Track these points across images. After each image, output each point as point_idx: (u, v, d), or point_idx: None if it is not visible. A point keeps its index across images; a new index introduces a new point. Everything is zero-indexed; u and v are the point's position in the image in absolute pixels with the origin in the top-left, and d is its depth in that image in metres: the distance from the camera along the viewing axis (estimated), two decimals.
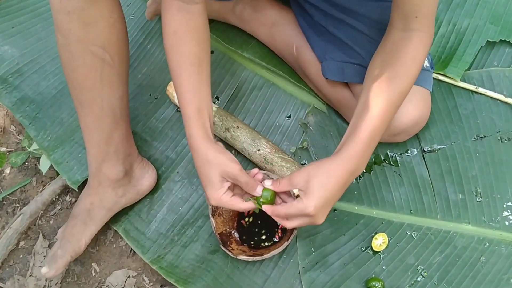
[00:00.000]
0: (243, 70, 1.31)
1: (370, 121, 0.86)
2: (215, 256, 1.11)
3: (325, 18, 1.14)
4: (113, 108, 1.00)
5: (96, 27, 0.91)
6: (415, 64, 0.91)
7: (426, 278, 1.07)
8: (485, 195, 1.14)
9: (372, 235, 1.12)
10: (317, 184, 0.83)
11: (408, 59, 0.91)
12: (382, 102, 0.88)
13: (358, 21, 1.09)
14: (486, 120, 1.20)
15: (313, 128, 1.23)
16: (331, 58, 1.13)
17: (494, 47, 1.29)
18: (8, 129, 1.33)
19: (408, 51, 0.91)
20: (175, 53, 0.91)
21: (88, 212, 1.07)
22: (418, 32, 0.91)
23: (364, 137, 0.85)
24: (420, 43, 0.92)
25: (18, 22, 1.36)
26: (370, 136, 0.86)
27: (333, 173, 0.84)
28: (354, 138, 0.86)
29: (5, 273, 1.16)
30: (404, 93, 0.90)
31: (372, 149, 0.88)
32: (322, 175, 0.84)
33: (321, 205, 0.83)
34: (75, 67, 0.95)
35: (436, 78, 1.23)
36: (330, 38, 1.15)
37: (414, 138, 1.19)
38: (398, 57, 0.92)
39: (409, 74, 0.91)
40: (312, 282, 1.08)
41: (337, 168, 0.84)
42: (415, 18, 0.90)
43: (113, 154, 1.04)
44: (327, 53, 1.15)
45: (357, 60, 1.09)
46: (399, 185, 1.17)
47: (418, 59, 0.92)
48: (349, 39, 1.11)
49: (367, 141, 0.86)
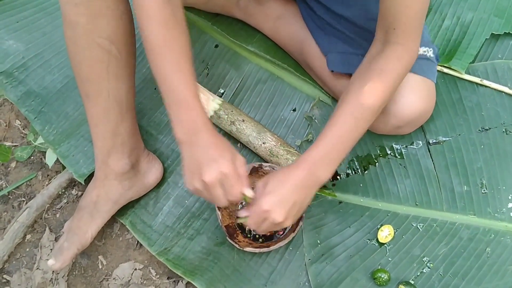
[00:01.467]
0: (248, 63, 1.31)
1: (332, 130, 0.89)
2: (221, 248, 1.12)
3: (327, 12, 1.14)
4: (119, 100, 1.00)
5: (103, 19, 0.91)
6: (383, 77, 0.90)
7: (431, 270, 1.08)
8: (490, 186, 1.14)
9: (378, 227, 1.12)
10: (272, 182, 0.87)
11: (375, 73, 0.90)
12: (346, 114, 0.89)
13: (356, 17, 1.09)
14: (490, 112, 1.20)
15: (318, 121, 1.24)
16: (335, 50, 1.14)
17: (498, 40, 1.29)
18: (13, 124, 1.33)
19: (378, 64, 0.91)
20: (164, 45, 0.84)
21: (94, 205, 1.07)
22: (394, 45, 0.91)
23: (325, 144, 0.88)
24: (393, 55, 0.91)
25: (23, 16, 1.35)
26: (331, 144, 0.88)
27: (289, 171, 0.88)
28: (316, 143, 0.89)
29: (12, 266, 1.17)
30: (370, 107, 0.89)
31: (336, 155, 0.89)
32: (278, 174, 0.88)
33: (275, 200, 0.85)
34: (82, 59, 0.95)
35: (440, 71, 1.24)
36: (333, 31, 1.15)
37: (419, 130, 1.19)
38: (367, 70, 0.92)
39: (374, 88, 0.89)
40: (318, 273, 1.09)
41: (294, 167, 0.88)
42: (393, 30, 0.90)
43: (119, 147, 1.05)
44: (331, 45, 1.15)
45: (361, 51, 1.09)
46: (404, 177, 1.17)
47: (387, 73, 0.90)
48: (352, 32, 1.12)
49: (328, 148, 0.88)
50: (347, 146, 0.90)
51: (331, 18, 1.14)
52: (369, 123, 0.91)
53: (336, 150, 0.89)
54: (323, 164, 0.88)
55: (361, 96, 0.89)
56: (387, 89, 0.91)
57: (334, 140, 0.88)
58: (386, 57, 0.91)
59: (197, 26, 1.35)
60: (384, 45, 0.92)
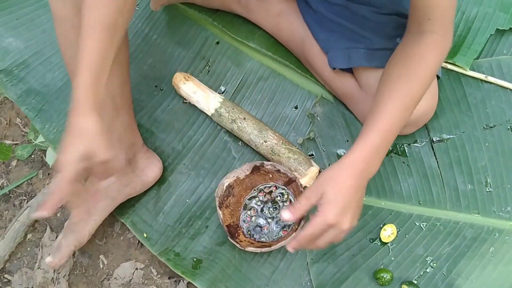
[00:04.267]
0: (249, 60, 1.30)
1: (382, 122, 0.85)
2: (222, 247, 1.11)
3: (326, 6, 1.13)
4: (112, 96, 0.99)
5: None
6: (423, 64, 0.88)
7: (435, 269, 1.07)
8: (494, 185, 1.13)
9: (381, 226, 1.11)
10: (331, 194, 0.82)
11: (416, 60, 0.88)
12: (393, 104, 0.86)
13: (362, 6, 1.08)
14: (495, 109, 1.18)
15: (321, 118, 1.22)
16: (336, 47, 1.12)
17: (503, 35, 1.27)
18: (13, 122, 1.32)
19: (416, 51, 0.89)
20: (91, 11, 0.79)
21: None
22: (431, 34, 0.89)
23: (375, 138, 0.84)
24: (432, 43, 0.89)
25: (23, 13, 1.34)
26: (381, 137, 0.84)
27: (343, 178, 0.83)
28: (365, 137, 0.84)
29: (13, 265, 1.16)
30: (414, 95, 0.87)
31: (386, 147, 0.86)
32: (334, 184, 0.82)
33: (339, 212, 0.81)
34: (72, 54, 0.94)
35: (445, 67, 1.22)
36: (332, 27, 1.13)
37: (423, 128, 1.18)
38: (406, 58, 0.90)
39: (417, 75, 0.87)
40: (320, 273, 1.08)
41: (348, 169, 0.83)
42: (428, 20, 0.88)
43: (115, 143, 1.04)
44: (331, 42, 1.14)
45: (363, 44, 1.08)
46: (407, 176, 1.16)
47: (427, 60, 0.88)
48: (354, 23, 1.10)
49: (379, 142, 0.84)
50: (395, 136, 0.87)
51: (326, 9, 1.13)
52: (412, 112, 0.89)
53: (386, 142, 0.86)
54: (375, 159, 0.85)
55: (406, 84, 0.87)
56: (430, 76, 0.89)
57: (384, 133, 0.85)
58: (425, 44, 0.89)
59: (198, 22, 1.34)
60: (420, 35, 0.90)
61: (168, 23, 1.35)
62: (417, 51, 0.89)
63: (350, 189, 0.82)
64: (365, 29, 1.09)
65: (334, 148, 1.19)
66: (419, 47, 0.89)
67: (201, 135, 1.22)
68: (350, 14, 1.10)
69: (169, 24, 1.35)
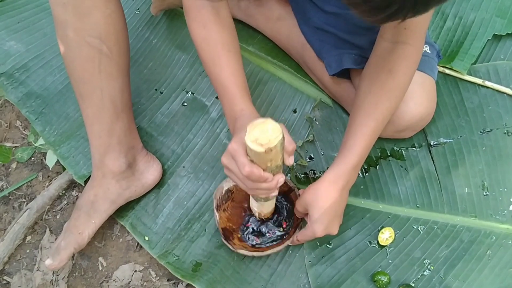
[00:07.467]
0: (249, 64, 1.31)
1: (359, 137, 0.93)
2: (221, 250, 1.11)
3: (321, 16, 1.14)
4: (113, 99, 1.00)
5: (91, 18, 0.91)
6: (390, 79, 0.92)
7: (432, 272, 1.07)
8: (491, 188, 1.14)
9: (379, 229, 1.12)
10: (315, 210, 0.93)
11: (385, 73, 0.92)
12: (368, 118, 0.93)
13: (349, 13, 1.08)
14: (492, 113, 1.20)
15: (319, 122, 1.23)
16: (329, 55, 1.13)
17: (500, 41, 1.29)
18: (14, 124, 1.33)
19: (387, 64, 0.92)
20: (210, 44, 0.91)
21: (92, 204, 1.07)
22: (403, 45, 0.91)
23: (355, 153, 0.93)
24: (403, 55, 0.92)
25: (24, 17, 1.35)
26: (359, 152, 0.93)
27: (326, 195, 0.93)
28: (345, 153, 0.94)
29: (12, 267, 1.17)
30: (388, 108, 0.93)
31: (363, 159, 0.95)
32: (316, 200, 0.93)
33: (325, 225, 0.94)
34: (73, 58, 0.96)
35: (442, 72, 1.23)
36: (324, 36, 1.15)
37: (420, 132, 1.18)
38: (376, 72, 0.94)
39: (385, 91, 0.93)
40: (318, 276, 1.08)
41: (331, 186, 0.93)
42: (404, 29, 0.90)
43: (115, 146, 1.04)
44: (324, 52, 1.15)
45: (355, 51, 1.09)
46: (405, 179, 1.17)
47: (396, 73, 0.92)
48: (346, 33, 1.11)
49: (358, 157, 0.94)
50: (370, 148, 0.96)
51: (320, 19, 1.14)
52: (387, 121, 0.96)
53: (364, 156, 0.95)
54: (354, 173, 0.95)
55: (376, 98, 0.93)
56: (399, 88, 0.94)
57: (362, 148, 0.93)
58: (397, 57, 0.92)
59: None
60: (393, 46, 0.92)
61: (168, 27, 1.36)
62: (387, 64, 0.92)
63: (335, 203, 0.93)
64: (357, 38, 1.10)
65: (332, 152, 1.20)
66: (389, 60, 0.92)
67: (201, 138, 1.23)
68: (343, 23, 1.10)
69: (169, 28, 1.36)
